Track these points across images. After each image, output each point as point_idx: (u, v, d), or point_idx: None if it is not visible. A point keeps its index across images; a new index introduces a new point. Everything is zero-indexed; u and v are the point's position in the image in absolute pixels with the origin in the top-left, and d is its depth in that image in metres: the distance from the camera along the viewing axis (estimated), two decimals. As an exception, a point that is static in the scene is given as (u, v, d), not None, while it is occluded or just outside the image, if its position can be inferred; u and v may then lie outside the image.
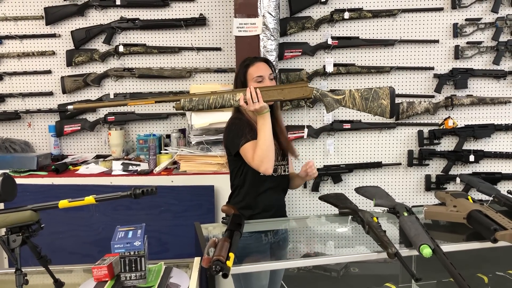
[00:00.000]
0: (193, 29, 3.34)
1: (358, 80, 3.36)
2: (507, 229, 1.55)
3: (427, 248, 1.46)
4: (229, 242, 1.52)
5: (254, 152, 1.94)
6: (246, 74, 2.07)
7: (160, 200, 2.75)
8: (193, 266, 1.44)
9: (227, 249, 1.46)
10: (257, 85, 2.00)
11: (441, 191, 2.07)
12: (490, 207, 1.81)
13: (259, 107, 1.90)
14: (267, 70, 2.09)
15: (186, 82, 3.39)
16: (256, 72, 2.05)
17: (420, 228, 1.62)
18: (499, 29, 3.22)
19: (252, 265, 1.46)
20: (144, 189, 1.25)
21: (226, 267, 1.35)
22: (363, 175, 3.45)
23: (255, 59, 2.12)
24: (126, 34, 3.37)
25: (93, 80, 3.38)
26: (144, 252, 1.31)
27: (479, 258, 2.14)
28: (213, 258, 1.38)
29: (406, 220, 1.70)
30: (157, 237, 2.76)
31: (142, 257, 1.30)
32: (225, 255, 1.41)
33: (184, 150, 2.92)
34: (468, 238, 1.71)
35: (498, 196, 1.95)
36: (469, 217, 1.73)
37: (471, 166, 3.40)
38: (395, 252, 1.45)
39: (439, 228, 1.86)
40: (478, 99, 3.30)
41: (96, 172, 2.88)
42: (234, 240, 1.57)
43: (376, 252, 1.57)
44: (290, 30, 3.30)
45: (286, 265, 1.59)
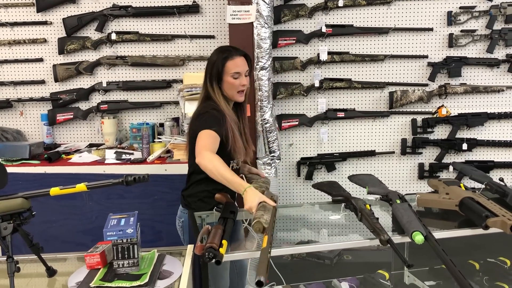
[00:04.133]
0: (186, 17, 3.31)
1: (352, 68, 3.35)
2: (498, 216, 1.56)
3: (419, 235, 1.47)
4: (222, 229, 1.53)
5: (213, 143, 1.88)
6: (224, 66, 2.01)
7: (154, 188, 2.75)
8: (186, 254, 1.44)
9: (220, 236, 1.46)
10: (233, 81, 1.99)
11: (434, 179, 2.08)
12: (482, 194, 1.82)
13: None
14: (245, 66, 2.05)
15: (180, 70, 3.36)
16: (234, 68, 2.01)
17: (413, 215, 1.62)
18: (493, 17, 3.21)
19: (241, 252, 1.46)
20: (136, 176, 1.25)
21: (219, 254, 1.36)
22: (356, 163, 3.46)
23: (235, 52, 2.05)
24: (118, 22, 3.33)
25: (85, 68, 3.34)
26: (136, 239, 1.31)
27: (471, 245, 2.16)
28: (206, 246, 1.38)
29: (399, 208, 1.71)
30: (150, 225, 2.76)
31: (134, 245, 1.30)
32: (218, 243, 1.41)
33: (177, 139, 2.90)
34: (460, 225, 1.72)
35: (490, 183, 1.96)
36: (461, 204, 1.74)
37: (464, 155, 3.42)
38: (387, 239, 1.46)
39: (432, 215, 1.87)
40: (472, 88, 3.31)
41: (89, 161, 2.87)
42: (227, 228, 1.57)
43: (369, 239, 1.58)
44: (284, 18, 3.28)
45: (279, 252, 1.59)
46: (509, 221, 1.51)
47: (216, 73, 2.02)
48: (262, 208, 1.61)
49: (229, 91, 2.04)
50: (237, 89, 2.03)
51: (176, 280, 1.31)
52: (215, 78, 2.02)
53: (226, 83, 2.02)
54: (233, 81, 2.01)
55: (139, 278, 1.27)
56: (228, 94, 2.05)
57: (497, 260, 2.15)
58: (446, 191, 1.89)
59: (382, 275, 2.00)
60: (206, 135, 1.88)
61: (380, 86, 3.33)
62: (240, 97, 2.06)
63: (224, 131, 1.95)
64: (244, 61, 2.06)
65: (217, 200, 1.94)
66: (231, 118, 2.01)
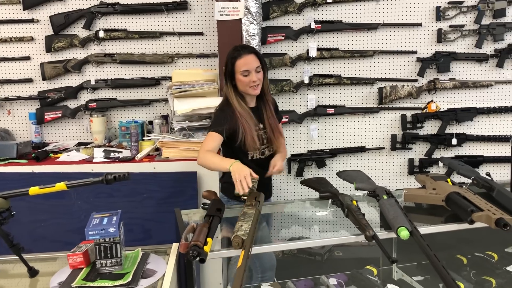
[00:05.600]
0: (174, 14, 3.29)
1: (342, 64, 3.35)
2: (484, 210, 1.56)
3: (404, 230, 1.47)
4: (208, 227, 1.52)
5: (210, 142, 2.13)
6: (233, 66, 2.17)
7: (143, 187, 2.72)
8: (171, 252, 1.43)
9: (205, 234, 1.46)
10: (244, 78, 2.14)
11: (422, 175, 2.08)
12: (468, 189, 1.83)
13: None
14: (254, 63, 2.16)
15: (168, 68, 3.34)
16: (243, 66, 2.15)
17: (399, 210, 1.62)
18: (481, 12, 3.22)
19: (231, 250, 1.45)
20: (116, 174, 1.23)
21: (203, 252, 1.35)
22: (347, 159, 3.46)
23: (243, 51, 2.18)
24: (106, 19, 3.30)
25: (73, 66, 3.32)
26: (119, 238, 1.29)
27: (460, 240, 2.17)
28: (191, 244, 1.37)
29: (385, 203, 1.71)
30: (140, 224, 2.74)
31: (117, 244, 1.29)
32: (203, 240, 1.40)
33: (166, 137, 2.89)
34: (447, 220, 1.73)
35: (477, 178, 1.96)
36: (447, 199, 1.74)
37: (454, 150, 3.43)
38: (372, 234, 1.46)
39: (419, 211, 1.87)
40: (461, 83, 3.32)
41: (77, 160, 2.84)
42: (213, 226, 1.56)
43: (355, 235, 1.57)
44: (273, 14, 3.27)
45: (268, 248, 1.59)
46: (494, 215, 1.52)
47: (228, 73, 2.21)
48: (243, 216, 1.61)
49: (242, 88, 2.20)
50: (248, 85, 2.17)
51: (160, 278, 1.30)
52: (228, 77, 2.22)
53: (238, 81, 2.19)
54: (243, 79, 2.16)
55: (122, 277, 1.26)
56: (242, 90, 2.22)
57: (484, 255, 2.16)
58: (433, 186, 1.89)
59: (370, 271, 2.01)
60: (206, 136, 2.19)
61: (369, 82, 3.33)
62: (253, 91, 2.20)
63: (230, 127, 2.15)
64: (254, 58, 2.18)
65: (204, 197, 1.94)
66: (243, 113, 2.18)
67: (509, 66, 3.33)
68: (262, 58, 2.24)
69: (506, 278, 2.02)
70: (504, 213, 1.54)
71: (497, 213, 1.53)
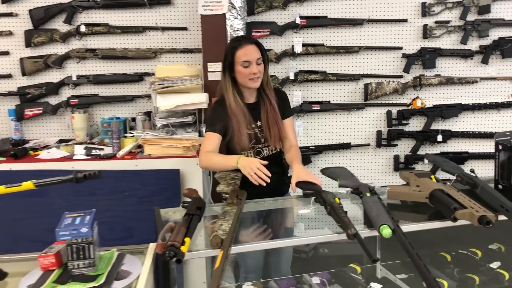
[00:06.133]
0: (157, 8, 3.23)
1: (327, 60, 3.32)
2: (467, 208, 1.54)
3: (386, 228, 1.44)
4: (186, 227, 1.48)
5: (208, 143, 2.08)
6: (234, 56, 2.08)
7: (124, 184, 2.67)
8: (147, 252, 1.39)
9: (184, 234, 1.41)
10: (243, 70, 2.06)
11: (406, 171, 2.06)
12: (452, 186, 1.81)
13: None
14: (256, 54, 2.07)
15: (152, 63, 3.29)
16: (243, 57, 2.06)
17: (382, 208, 1.60)
18: (467, 8, 3.21)
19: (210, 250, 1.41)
20: (87, 173, 1.19)
21: (180, 252, 1.31)
22: (332, 156, 3.43)
23: (245, 41, 2.10)
24: (87, 14, 3.24)
25: (54, 62, 3.25)
26: (92, 239, 1.25)
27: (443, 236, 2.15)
28: (168, 243, 1.33)
29: (368, 201, 1.68)
30: (121, 222, 2.69)
31: (90, 244, 1.24)
32: (181, 240, 1.36)
33: (149, 133, 2.83)
34: (431, 218, 1.70)
35: (461, 175, 1.94)
36: (431, 196, 1.72)
37: (439, 146, 3.43)
38: (354, 233, 1.43)
39: (403, 208, 1.85)
40: (446, 79, 3.31)
41: (57, 157, 2.78)
42: (192, 225, 1.52)
43: (337, 233, 1.55)
44: (257, 9, 3.23)
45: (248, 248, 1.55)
46: (477, 213, 1.50)
47: (228, 63, 2.10)
48: (223, 214, 1.57)
49: (241, 80, 2.11)
50: (248, 77, 2.08)
51: (134, 280, 1.25)
52: (228, 68, 2.11)
53: (237, 72, 2.10)
54: (243, 70, 2.07)
55: (95, 279, 1.22)
56: (241, 82, 2.13)
57: (468, 252, 2.15)
58: (417, 183, 1.87)
59: (353, 269, 1.98)
60: (204, 138, 2.15)
61: (355, 78, 3.31)
62: (253, 84, 2.11)
63: (224, 125, 2.10)
64: (255, 49, 2.09)
65: (185, 195, 1.90)
66: (236, 110, 2.10)
67: (493, 63, 3.33)
68: (264, 50, 2.14)
69: (489, 275, 2.01)
70: (487, 210, 1.53)
71: (480, 211, 1.52)
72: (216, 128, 2.10)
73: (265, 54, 2.14)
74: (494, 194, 1.71)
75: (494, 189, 1.83)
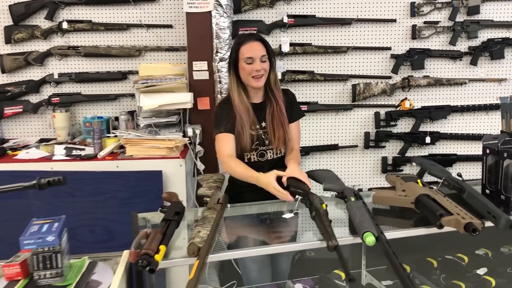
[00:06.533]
0: (142, 5, 3.16)
1: (315, 60, 3.27)
2: (453, 214, 1.50)
3: (370, 236, 1.39)
4: (162, 233, 1.42)
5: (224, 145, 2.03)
6: (238, 52, 2.03)
7: (105, 186, 2.60)
8: (120, 261, 1.32)
9: (159, 241, 1.35)
10: (246, 66, 2.00)
11: (392, 175, 2.01)
12: (438, 190, 1.77)
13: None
14: (260, 51, 2.01)
15: (136, 61, 3.21)
16: (247, 53, 2.00)
17: (366, 214, 1.55)
18: (456, 9, 3.17)
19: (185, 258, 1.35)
20: (51, 179, 1.12)
21: (153, 261, 1.24)
22: (319, 157, 3.38)
23: (249, 37, 2.05)
24: (70, 10, 3.15)
25: (35, 59, 3.16)
26: (60, 247, 1.18)
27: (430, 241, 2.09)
28: (141, 252, 1.27)
29: (353, 206, 1.63)
30: (103, 225, 2.63)
31: (57, 253, 1.17)
32: (155, 248, 1.30)
33: (131, 134, 2.76)
34: (416, 223, 1.66)
35: (448, 179, 1.90)
36: (416, 201, 1.67)
37: (428, 148, 3.39)
38: (335, 245, 1.38)
39: (388, 213, 1.80)
40: (435, 80, 3.27)
41: (36, 157, 2.70)
42: (169, 231, 1.46)
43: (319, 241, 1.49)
44: (244, 7, 3.17)
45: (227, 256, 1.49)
46: (463, 220, 1.45)
47: (232, 60, 2.06)
48: (202, 220, 1.51)
49: (244, 77, 2.05)
50: (251, 74, 2.01)
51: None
52: (232, 65, 2.07)
53: (241, 69, 2.04)
54: (246, 66, 2.00)
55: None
56: (244, 81, 2.07)
57: (455, 257, 2.11)
58: (403, 188, 1.82)
59: (338, 275, 1.93)
60: (217, 140, 2.08)
61: (343, 79, 3.26)
62: (255, 83, 2.03)
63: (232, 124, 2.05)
64: (260, 45, 2.03)
65: (164, 199, 1.84)
66: (240, 108, 2.04)
67: (482, 64, 3.30)
68: (269, 47, 2.07)
69: (475, 282, 1.97)
70: (474, 217, 1.48)
71: (466, 217, 1.47)
72: (226, 128, 2.04)
73: (271, 52, 2.07)
74: (481, 200, 1.67)
75: (481, 194, 1.79)
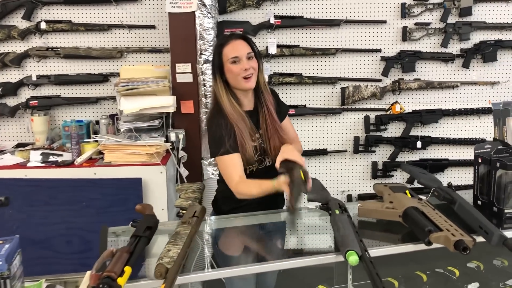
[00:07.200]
0: (124, 5, 3.05)
1: (303, 62, 3.17)
2: (443, 230, 1.40)
3: (353, 255, 1.29)
4: (130, 252, 1.31)
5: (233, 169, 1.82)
6: (221, 55, 1.85)
7: (82, 194, 2.49)
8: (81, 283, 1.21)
9: (124, 262, 1.24)
10: (233, 67, 1.82)
11: (380, 184, 1.91)
12: (428, 202, 1.67)
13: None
14: (245, 49, 1.85)
15: (117, 63, 3.10)
16: (231, 53, 1.83)
17: (350, 229, 1.45)
18: (447, 10, 3.09)
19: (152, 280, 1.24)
20: (-8, 199, 1.01)
21: (116, 285, 1.14)
22: (308, 162, 3.29)
23: (231, 37, 1.89)
24: (48, 10, 3.04)
25: (12, 60, 3.04)
26: (9, 272, 1.07)
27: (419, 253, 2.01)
28: (103, 274, 1.16)
29: (336, 220, 1.53)
30: (79, 234, 2.51)
31: (6, 279, 1.06)
32: (119, 270, 1.19)
33: (110, 139, 2.65)
34: (404, 238, 1.56)
35: (438, 189, 1.80)
36: (404, 215, 1.58)
37: (419, 153, 3.31)
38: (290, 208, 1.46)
39: (375, 226, 1.70)
40: (426, 83, 3.19)
41: (10, 164, 2.58)
42: (137, 250, 1.35)
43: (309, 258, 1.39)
44: (230, 8, 3.07)
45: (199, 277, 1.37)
46: (453, 237, 1.36)
47: (217, 65, 1.88)
48: (174, 237, 1.40)
49: (233, 80, 1.86)
50: (240, 74, 1.83)
51: (60, 320, 1.09)
52: (217, 69, 1.88)
53: (228, 72, 1.86)
54: (233, 68, 1.82)
55: (12, 320, 1.05)
56: (233, 84, 1.87)
57: (445, 271, 2.02)
58: (390, 199, 1.72)
59: (323, 291, 1.84)
60: (222, 163, 1.85)
61: (331, 82, 3.17)
62: (246, 84, 1.85)
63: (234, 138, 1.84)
64: (243, 43, 1.86)
65: (138, 211, 1.73)
66: (235, 118, 1.85)
67: (474, 67, 3.22)
68: (254, 45, 1.91)
69: (467, 298, 1.89)
70: (465, 234, 1.38)
71: (456, 234, 1.37)
72: (231, 146, 1.82)
73: (257, 50, 1.91)
74: (472, 213, 1.57)
75: (473, 205, 1.70)
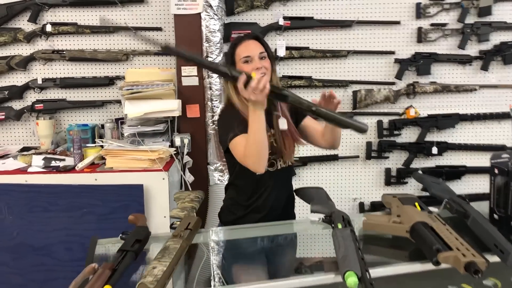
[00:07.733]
0: (129, 7, 3.00)
1: (313, 65, 3.08)
2: (452, 249, 1.29)
3: (352, 276, 1.18)
4: (112, 269, 1.23)
5: (243, 147, 1.75)
6: (234, 54, 1.86)
7: (82, 200, 2.44)
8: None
9: (104, 280, 1.17)
10: (245, 66, 1.79)
11: (389, 195, 1.80)
12: (438, 216, 1.55)
13: (255, 100, 1.61)
14: (257, 49, 1.83)
15: (123, 66, 3.05)
16: (244, 52, 1.82)
17: (352, 246, 1.34)
18: (465, 10, 2.96)
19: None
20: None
21: (92, 308, 1.06)
22: (318, 168, 3.18)
23: (244, 37, 1.89)
24: (54, 12, 3.01)
25: (18, 64, 3.02)
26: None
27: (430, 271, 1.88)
28: (80, 295, 1.08)
29: (338, 235, 1.43)
30: (79, 242, 2.45)
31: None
32: (98, 290, 1.12)
33: (112, 144, 2.59)
34: (412, 256, 1.45)
35: (450, 201, 1.69)
36: (412, 230, 1.46)
37: (434, 159, 3.18)
38: None
39: (380, 242, 1.59)
40: (442, 87, 3.07)
41: (11, 169, 2.54)
42: (121, 266, 1.27)
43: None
44: (238, 9, 2.99)
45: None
46: (464, 257, 1.24)
47: (229, 64, 1.88)
48: (162, 252, 1.31)
49: None
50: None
51: None
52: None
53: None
54: (245, 66, 1.80)
55: None
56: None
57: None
58: (398, 212, 1.61)
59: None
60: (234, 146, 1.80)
61: (343, 85, 3.07)
62: None
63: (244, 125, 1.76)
64: (256, 43, 1.86)
65: (130, 222, 1.66)
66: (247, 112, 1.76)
67: (494, 69, 3.08)
68: (267, 45, 1.89)
69: (483, 321, 1.75)
70: (477, 254, 1.27)
71: (467, 254, 1.26)
72: (240, 129, 1.77)
73: (270, 51, 1.88)
74: (487, 229, 1.44)
75: (488, 220, 1.57)
